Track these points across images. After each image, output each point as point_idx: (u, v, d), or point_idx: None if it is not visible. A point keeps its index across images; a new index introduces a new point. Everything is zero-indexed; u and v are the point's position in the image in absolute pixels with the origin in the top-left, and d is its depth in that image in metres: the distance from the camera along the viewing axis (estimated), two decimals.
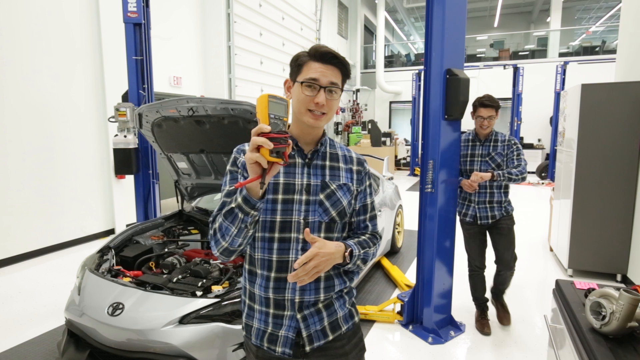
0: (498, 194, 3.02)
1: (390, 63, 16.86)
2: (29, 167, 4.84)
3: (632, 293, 1.25)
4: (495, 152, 3.00)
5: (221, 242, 1.12)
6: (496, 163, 3.00)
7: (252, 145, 0.97)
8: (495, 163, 3.00)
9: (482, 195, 3.02)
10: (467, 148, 3.09)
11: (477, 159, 3.05)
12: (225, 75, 8.21)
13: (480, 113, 2.92)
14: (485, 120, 2.91)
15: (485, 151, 3.03)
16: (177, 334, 2.02)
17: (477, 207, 3.04)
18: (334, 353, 1.29)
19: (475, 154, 3.05)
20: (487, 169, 2.99)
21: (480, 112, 2.92)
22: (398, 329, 3.20)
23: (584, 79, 4.89)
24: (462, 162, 3.10)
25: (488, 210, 3.02)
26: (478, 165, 3.03)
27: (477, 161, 3.04)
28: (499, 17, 17.88)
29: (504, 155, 3.00)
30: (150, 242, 3.18)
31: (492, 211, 3.02)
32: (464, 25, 2.97)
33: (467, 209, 3.09)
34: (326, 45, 1.19)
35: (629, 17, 4.45)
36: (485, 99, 2.89)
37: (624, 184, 3.96)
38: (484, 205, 3.03)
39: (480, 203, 3.03)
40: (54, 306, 3.57)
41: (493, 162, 3.00)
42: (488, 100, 2.88)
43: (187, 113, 2.84)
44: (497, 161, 3.00)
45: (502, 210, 3.03)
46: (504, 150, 3.00)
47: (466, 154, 3.08)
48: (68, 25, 5.25)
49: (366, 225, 1.35)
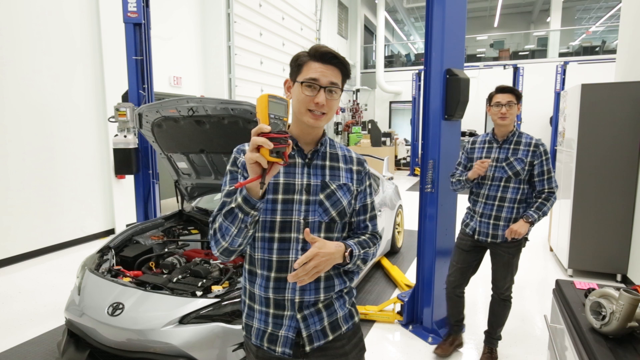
0: (509, 209, 2.47)
1: (390, 63, 16.86)
2: (29, 167, 4.84)
3: (632, 293, 1.25)
4: (515, 158, 2.44)
5: (221, 242, 1.12)
6: (514, 171, 2.44)
7: (252, 145, 0.97)
8: (513, 171, 2.44)
9: (487, 207, 2.51)
10: (482, 151, 2.56)
11: (492, 163, 2.50)
12: (225, 75, 8.21)
13: (498, 98, 2.43)
14: (503, 107, 2.39)
15: (503, 155, 2.48)
16: (177, 334, 2.02)
17: (480, 220, 2.55)
18: (334, 353, 1.29)
19: (491, 158, 2.51)
20: (502, 176, 2.46)
21: (496, 98, 2.43)
22: (398, 329, 3.20)
23: (584, 79, 4.89)
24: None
25: (490, 227, 2.51)
26: (492, 172, 2.49)
27: (491, 166, 2.50)
28: (499, 17, 17.89)
29: (526, 163, 2.43)
30: (150, 242, 3.18)
31: (496, 229, 2.50)
32: (464, 25, 2.98)
33: (471, 220, 2.63)
34: (326, 45, 1.19)
35: (629, 17, 4.45)
36: (502, 85, 2.47)
37: (624, 184, 3.96)
38: (487, 220, 2.52)
39: (484, 216, 2.53)
40: (54, 306, 3.57)
41: (511, 170, 2.44)
42: (506, 86, 2.46)
43: (187, 113, 2.84)
44: (515, 169, 2.44)
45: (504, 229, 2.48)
46: (526, 156, 2.43)
47: (480, 157, 2.55)
48: (68, 25, 5.25)
49: (366, 225, 1.35)
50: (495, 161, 2.49)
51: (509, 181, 2.46)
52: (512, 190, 2.46)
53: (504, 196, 2.47)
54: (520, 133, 2.51)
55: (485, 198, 2.53)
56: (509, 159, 2.46)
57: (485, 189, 2.53)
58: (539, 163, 2.43)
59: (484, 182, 2.54)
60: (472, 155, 2.62)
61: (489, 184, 2.52)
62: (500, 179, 2.47)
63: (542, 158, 2.43)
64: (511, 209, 2.47)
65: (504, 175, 2.46)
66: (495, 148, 2.52)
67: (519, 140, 2.48)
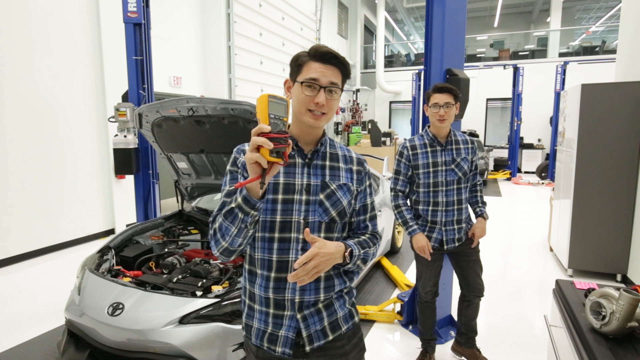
0: (466, 210, 2.48)
1: (390, 63, 16.86)
2: (29, 167, 4.84)
3: (632, 293, 1.25)
4: (461, 158, 2.41)
5: (221, 242, 1.12)
6: (463, 171, 2.41)
7: (252, 145, 0.97)
8: (462, 171, 2.41)
9: (449, 214, 2.41)
10: (426, 155, 2.41)
11: (440, 167, 2.39)
12: (225, 75, 8.21)
13: (435, 99, 2.31)
14: (441, 109, 2.29)
15: (449, 157, 2.40)
16: (177, 334, 2.02)
17: (445, 228, 2.42)
18: (334, 353, 1.29)
19: (439, 162, 2.40)
20: (453, 179, 2.40)
21: (434, 98, 2.32)
22: (398, 329, 3.20)
23: (584, 79, 4.90)
24: (423, 175, 2.41)
25: (456, 232, 2.44)
26: (443, 176, 2.39)
27: (441, 171, 2.39)
28: (499, 17, 17.88)
29: (469, 161, 2.44)
30: (150, 242, 3.18)
31: (460, 233, 2.45)
32: (464, 25, 2.98)
33: (431, 232, 2.45)
34: (326, 45, 1.19)
35: (629, 17, 4.45)
36: (439, 84, 2.38)
37: (624, 183, 3.96)
38: (451, 227, 2.43)
39: (448, 224, 2.42)
40: (54, 306, 3.57)
41: (460, 170, 2.40)
42: (444, 85, 2.36)
43: (187, 113, 2.84)
44: (463, 169, 2.41)
45: (468, 230, 2.49)
46: (468, 154, 2.43)
47: (427, 163, 2.40)
48: (68, 25, 5.25)
49: (366, 225, 1.35)
50: (443, 165, 2.40)
51: (460, 182, 2.42)
52: (464, 191, 2.45)
53: (460, 198, 2.43)
54: (454, 132, 2.47)
55: (445, 206, 2.41)
56: (456, 160, 2.41)
57: (441, 197, 2.41)
58: (476, 158, 2.47)
59: (437, 190, 2.41)
60: (415, 162, 2.43)
61: (444, 189, 2.41)
62: (453, 182, 2.40)
63: (476, 153, 2.47)
64: (466, 209, 2.50)
65: (455, 178, 2.40)
66: (439, 151, 2.41)
67: (457, 140, 2.45)
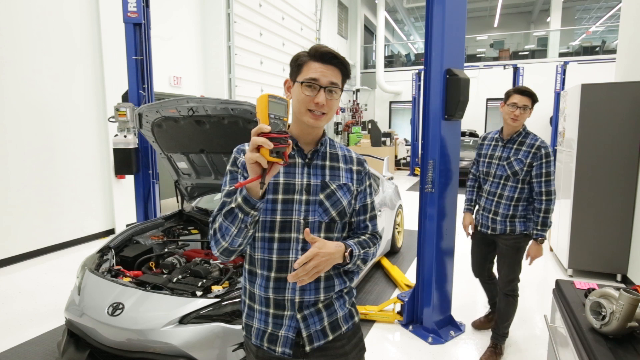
0: (505, 206, 2.59)
1: (390, 63, 16.88)
2: (29, 167, 4.84)
3: (632, 293, 1.25)
4: (515, 158, 2.53)
5: (221, 242, 1.12)
6: (513, 170, 2.53)
7: (252, 145, 0.97)
8: (511, 170, 2.54)
9: (488, 202, 2.68)
10: (489, 147, 2.70)
11: (495, 161, 2.63)
12: (225, 75, 8.21)
13: (514, 99, 2.48)
14: (518, 110, 2.45)
15: (505, 154, 2.58)
16: (177, 334, 2.02)
17: (482, 212, 2.74)
18: (334, 353, 1.29)
19: (495, 155, 2.64)
20: (502, 174, 2.58)
21: (514, 98, 2.48)
22: (398, 329, 3.20)
23: (584, 79, 4.89)
24: (482, 163, 2.73)
25: (489, 220, 2.67)
26: (494, 169, 2.63)
27: (494, 164, 2.63)
28: (499, 17, 17.90)
29: (525, 164, 2.50)
30: (150, 242, 3.18)
31: (494, 224, 2.65)
32: (464, 25, 2.97)
33: (476, 213, 2.83)
34: (326, 45, 1.19)
35: (629, 17, 4.45)
36: (522, 86, 2.52)
37: (624, 184, 3.96)
38: (487, 214, 2.69)
39: (485, 210, 2.70)
40: (54, 306, 3.57)
41: (510, 169, 2.54)
42: (526, 88, 2.49)
43: (187, 113, 2.84)
44: (514, 168, 2.53)
45: (506, 227, 2.60)
46: (526, 157, 2.50)
47: (486, 154, 2.70)
48: (68, 25, 5.25)
49: (366, 225, 1.35)
50: (498, 159, 2.62)
51: (507, 179, 2.58)
52: (509, 189, 2.58)
53: (502, 193, 2.60)
54: (527, 134, 2.56)
55: (487, 193, 2.69)
56: (509, 159, 2.56)
57: (487, 185, 2.70)
58: (538, 165, 2.49)
59: (487, 179, 2.70)
60: (480, 150, 2.78)
61: (491, 180, 2.67)
62: (500, 177, 2.60)
63: (541, 160, 2.48)
64: (508, 206, 2.60)
65: (503, 174, 2.59)
66: (499, 146, 2.63)
67: (523, 141, 2.54)
